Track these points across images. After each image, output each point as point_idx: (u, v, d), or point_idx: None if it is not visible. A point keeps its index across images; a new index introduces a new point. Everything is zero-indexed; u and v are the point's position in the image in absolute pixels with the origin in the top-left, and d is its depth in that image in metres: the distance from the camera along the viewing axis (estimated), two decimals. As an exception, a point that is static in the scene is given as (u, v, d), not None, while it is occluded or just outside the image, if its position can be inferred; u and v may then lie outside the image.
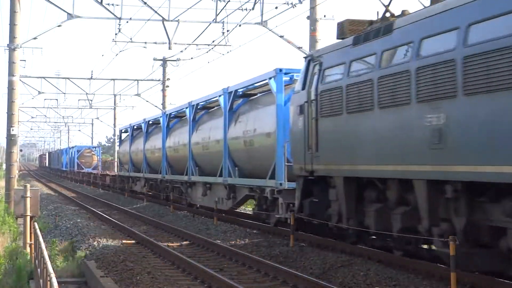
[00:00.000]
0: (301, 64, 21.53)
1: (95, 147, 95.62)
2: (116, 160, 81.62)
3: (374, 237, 16.93)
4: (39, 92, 61.90)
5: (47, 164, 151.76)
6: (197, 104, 31.43)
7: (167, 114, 37.28)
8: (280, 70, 22.45)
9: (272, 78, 22.85)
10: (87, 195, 51.56)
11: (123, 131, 53.47)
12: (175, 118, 37.26)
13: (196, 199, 31.72)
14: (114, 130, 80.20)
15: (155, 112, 56.08)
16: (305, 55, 19.54)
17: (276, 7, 30.53)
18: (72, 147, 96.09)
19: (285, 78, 22.85)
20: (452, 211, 13.35)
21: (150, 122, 42.39)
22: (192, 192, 32.18)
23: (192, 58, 43.64)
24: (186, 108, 32.32)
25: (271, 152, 22.78)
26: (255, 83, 25.10)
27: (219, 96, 27.95)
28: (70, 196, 51.12)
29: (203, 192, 29.82)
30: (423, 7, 14.70)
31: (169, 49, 36.75)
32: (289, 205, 20.96)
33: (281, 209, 21.78)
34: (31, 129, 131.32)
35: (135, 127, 47.35)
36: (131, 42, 37.63)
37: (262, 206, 23.74)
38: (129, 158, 47.41)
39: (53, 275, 9.49)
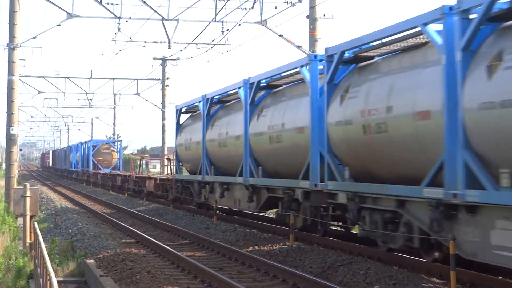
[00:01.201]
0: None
1: (115, 141, 74.45)
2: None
3: None
4: (39, 92, 61.86)
5: (50, 164, 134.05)
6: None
7: (329, 56, 18.03)
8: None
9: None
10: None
11: (182, 110, 33.85)
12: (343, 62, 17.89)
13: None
14: (114, 129, 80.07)
15: (156, 112, 54.64)
16: None
17: (276, 7, 30.51)
18: (86, 142, 75.87)
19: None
20: None
21: (262, 84, 23.68)
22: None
23: (191, 57, 43.67)
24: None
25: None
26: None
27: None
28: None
29: None
30: None
31: (169, 48, 36.71)
32: None
33: None
34: (31, 128, 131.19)
35: (215, 98, 28.37)
36: (131, 41, 37.57)
37: None
38: (203, 153, 28.79)
39: (52, 275, 9.49)
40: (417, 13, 14.63)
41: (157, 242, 20.89)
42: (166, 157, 50.79)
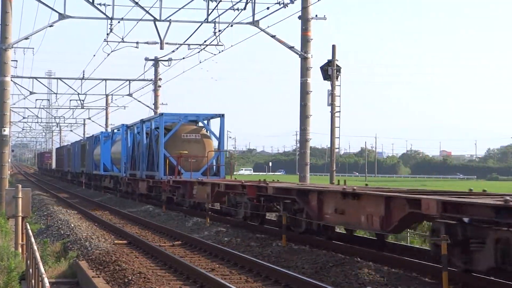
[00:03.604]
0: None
1: (209, 117, 38.04)
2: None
3: None
4: (31, 93, 61.76)
5: (53, 166, 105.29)
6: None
7: None
8: None
9: None
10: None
11: None
12: None
13: None
14: (106, 130, 79.92)
15: (148, 113, 53.75)
16: None
17: (268, 8, 30.51)
18: (145, 121, 40.46)
19: None
20: None
21: None
22: None
23: (183, 58, 43.62)
24: None
25: None
26: None
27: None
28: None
29: None
30: None
31: (161, 49, 36.79)
32: None
33: None
34: (23, 129, 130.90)
35: None
36: (123, 42, 37.55)
37: None
38: None
39: (45, 276, 9.47)
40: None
41: (149, 243, 20.87)
42: None
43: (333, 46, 32.69)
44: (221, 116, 36.65)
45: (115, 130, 51.87)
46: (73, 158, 73.95)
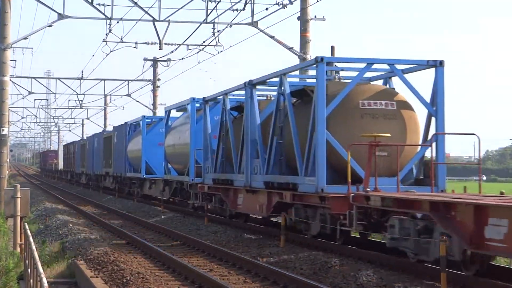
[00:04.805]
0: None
1: (408, 70, 19.40)
2: None
3: None
4: (30, 92, 61.76)
5: (60, 166, 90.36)
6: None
7: None
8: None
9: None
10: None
11: None
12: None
13: None
14: (105, 130, 79.89)
15: (147, 113, 53.70)
16: None
17: (267, 8, 30.52)
18: (284, 73, 20.46)
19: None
20: None
21: None
22: None
23: (182, 58, 43.64)
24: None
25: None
26: None
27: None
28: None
29: None
30: None
31: (160, 49, 36.83)
32: None
33: None
34: (21, 129, 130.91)
35: None
36: (122, 42, 37.55)
37: None
38: None
39: (43, 276, 9.46)
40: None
41: (147, 243, 20.87)
42: None
43: (332, 47, 32.66)
44: (437, 65, 18.82)
45: (173, 110, 34.50)
46: (90, 156, 59.34)
